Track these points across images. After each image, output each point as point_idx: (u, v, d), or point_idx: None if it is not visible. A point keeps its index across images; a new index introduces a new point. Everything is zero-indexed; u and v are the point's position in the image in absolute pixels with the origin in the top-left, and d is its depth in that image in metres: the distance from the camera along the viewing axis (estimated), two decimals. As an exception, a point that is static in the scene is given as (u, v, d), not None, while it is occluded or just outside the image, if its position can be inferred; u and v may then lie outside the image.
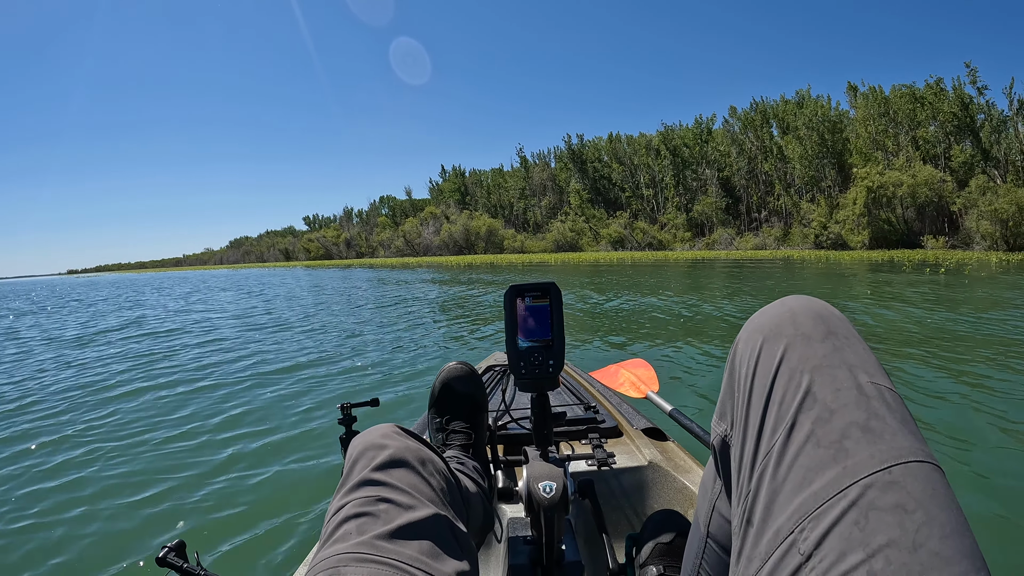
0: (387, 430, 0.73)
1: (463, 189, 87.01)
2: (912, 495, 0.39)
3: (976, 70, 40.64)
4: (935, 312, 7.09)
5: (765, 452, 0.48)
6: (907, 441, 0.42)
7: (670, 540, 0.91)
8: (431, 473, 0.69)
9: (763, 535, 0.44)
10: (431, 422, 1.07)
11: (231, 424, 3.39)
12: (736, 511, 0.50)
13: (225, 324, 8.73)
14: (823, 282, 13.35)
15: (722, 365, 4.37)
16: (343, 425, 1.10)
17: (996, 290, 9.82)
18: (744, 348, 0.56)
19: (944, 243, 36.19)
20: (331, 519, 0.61)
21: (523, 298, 0.92)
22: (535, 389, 0.94)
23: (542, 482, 0.78)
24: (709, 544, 0.65)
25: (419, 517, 0.61)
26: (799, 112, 50.18)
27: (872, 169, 39.89)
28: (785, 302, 0.57)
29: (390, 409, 3.56)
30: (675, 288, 12.19)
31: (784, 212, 51.64)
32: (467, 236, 71.40)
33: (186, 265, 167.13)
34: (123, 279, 52.96)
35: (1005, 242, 31.70)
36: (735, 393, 0.56)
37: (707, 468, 0.66)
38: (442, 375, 1.08)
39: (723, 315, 7.52)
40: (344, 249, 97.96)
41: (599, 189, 68.90)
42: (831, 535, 0.39)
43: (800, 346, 0.51)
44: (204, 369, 5.14)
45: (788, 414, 0.47)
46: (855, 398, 0.45)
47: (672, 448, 1.46)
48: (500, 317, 7.84)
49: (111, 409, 3.88)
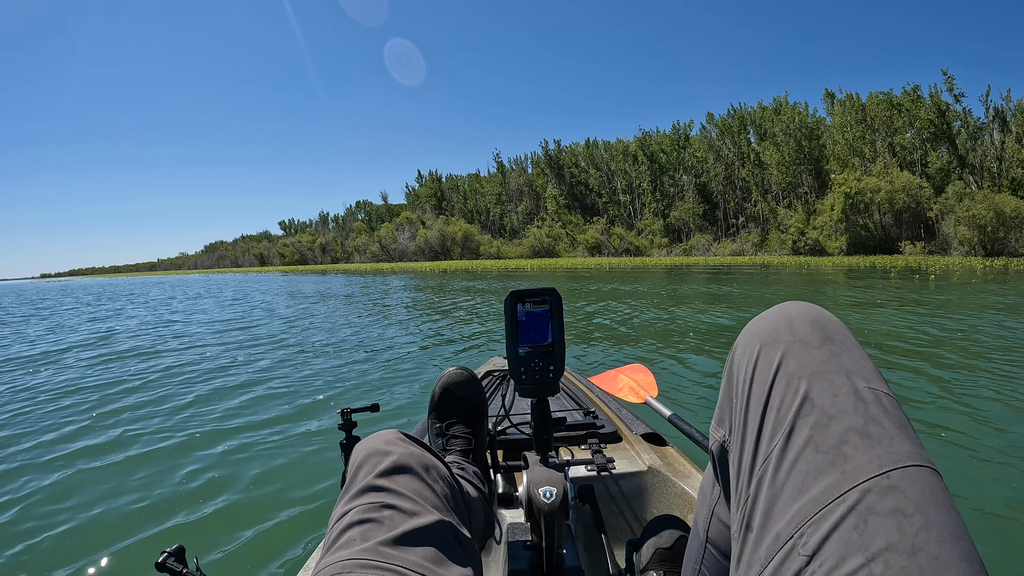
0: (391, 436, 0.73)
1: (440, 194, 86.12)
2: (910, 499, 0.39)
3: (953, 77, 40.88)
4: (937, 318, 6.95)
5: (764, 457, 0.48)
6: (905, 446, 0.43)
7: (670, 545, 0.90)
8: (435, 479, 0.69)
9: (763, 540, 0.44)
10: (431, 427, 1.07)
11: (229, 430, 3.35)
12: (735, 516, 0.50)
13: (215, 332, 8.33)
14: (815, 288, 12.96)
15: (719, 371, 4.41)
16: (343, 430, 1.07)
17: (992, 296, 9.71)
18: (742, 354, 0.56)
19: (921, 249, 36.13)
20: (335, 525, 0.61)
21: (524, 304, 0.93)
22: (535, 394, 0.95)
23: (542, 487, 0.79)
24: (708, 549, 0.65)
25: (423, 523, 0.61)
26: (776, 118, 50.16)
27: (850, 175, 39.81)
28: (783, 308, 0.57)
29: (390, 414, 3.56)
30: (658, 294, 11.93)
31: (761, 218, 51.43)
32: (443, 242, 70.53)
33: (160, 270, 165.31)
34: (97, 283, 51.21)
35: (983, 247, 31.77)
36: (733, 399, 0.56)
37: (706, 473, 0.66)
38: (442, 380, 1.08)
39: (717, 321, 7.38)
40: (319, 254, 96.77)
41: (576, 195, 68.32)
42: (831, 540, 0.39)
43: (798, 352, 0.51)
44: (201, 376, 5.00)
45: (786, 420, 0.47)
46: (853, 403, 0.46)
47: (671, 453, 1.46)
48: (494, 322, 7.88)
49: (112, 411, 3.90)
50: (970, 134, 40.60)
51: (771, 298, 10.47)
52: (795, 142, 47.45)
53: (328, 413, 3.61)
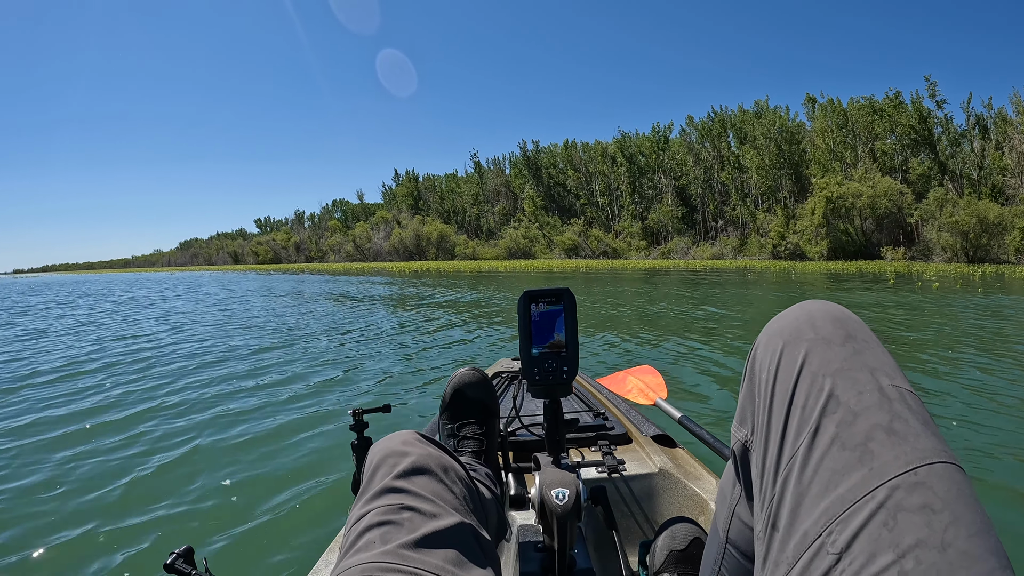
0: (408, 436, 0.72)
1: (416, 194, 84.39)
2: (938, 495, 0.39)
3: (935, 84, 40.40)
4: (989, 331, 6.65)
5: (789, 456, 0.47)
6: (930, 442, 0.43)
7: (684, 547, 0.90)
8: (453, 480, 0.69)
9: (790, 539, 0.44)
10: (442, 428, 1.06)
11: (238, 431, 3.32)
12: (759, 516, 0.50)
13: (212, 332, 8.06)
14: (825, 294, 12.72)
15: (730, 372, 4.43)
16: (355, 431, 1.07)
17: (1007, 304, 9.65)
18: (764, 353, 0.56)
19: (903, 255, 35.62)
20: (353, 527, 0.60)
21: (537, 304, 0.93)
22: (548, 395, 0.94)
23: (555, 489, 0.79)
24: (728, 550, 0.64)
25: (444, 526, 0.60)
26: (757, 122, 49.46)
27: (831, 179, 39.15)
28: (803, 306, 0.57)
29: (400, 414, 3.55)
30: (635, 297, 11.83)
31: (741, 222, 50.67)
32: (418, 242, 69.00)
33: (134, 267, 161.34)
34: (72, 280, 49.60)
35: (965, 254, 31.33)
36: (756, 398, 0.55)
37: (725, 473, 0.66)
38: (453, 381, 1.07)
39: (726, 322, 7.42)
40: (294, 253, 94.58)
41: (554, 196, 67.02)
42: (860, 537, 0.39)
43: (821, 350, 0.51)
44: (208, 379, 4.82)
45: (811, 418, 0.47)
46: (878, 400, 0.46)
47: (682, 455, 1.45)
48: (495, 323, 7.91)
49: (121, 408, 3.89)
50: (951, 140, 40.21)
51: (785, 300, 10.24)
52: (775, 146, 46.74)
53: (338, 414, 3.56)
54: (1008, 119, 37.71)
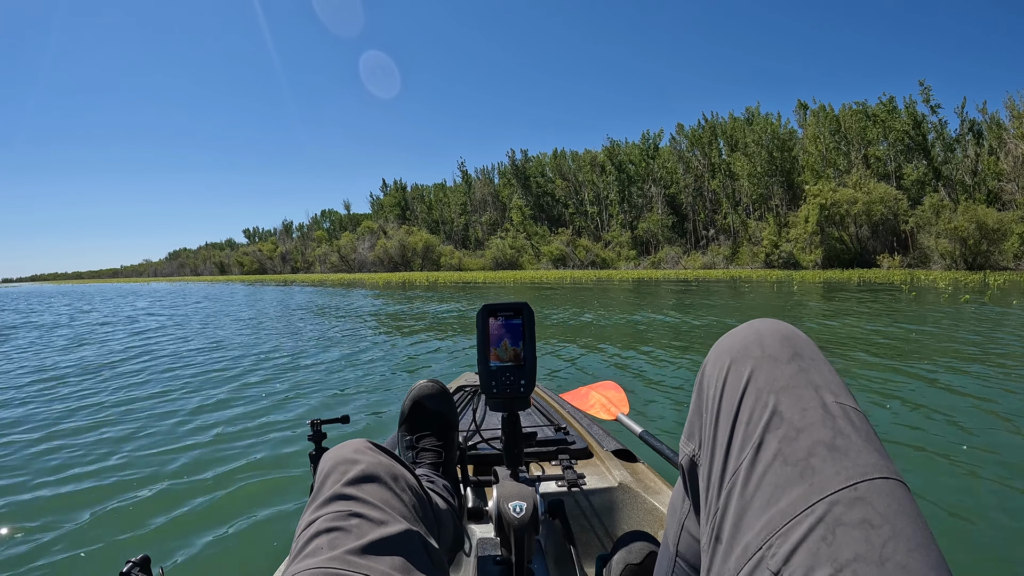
0: (359, 445, 0.72)
1: (404, 204, 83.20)
2: (878, 510, 0.39)
3: (929, 88, 39.72)
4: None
5: (733, 471, 0.48)
6: (872, 458, 0.43)
7: (640, 560, 0.91)
8: (403, 489, 0.69)
9: (732, 552, 0.44)
10: (401, 440, 1.07)
11: (196, 440, 3.27)
12: (705, 529, 0.50)
13: (186, 340, 8.17)
14: (828, 310, 11.62)
15: (690, 387, 3.82)
16: (312, 441, 1.07)
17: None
18: (712, 369, 0.56)
19: (900, 262, 34.63)
20: (301, 534, 0.60)
21: (496, 317, 0.94)
22: (506, 408, 0.95)
23: (512, 502, 0.80)
24: (678, 563, 0.65)
25: (391, 532, 0.60)
26: (748, 129, 48.65)
27: (825, 186, 38.19)
28: (752, 324, 0.58)
29: (360, 425, 3.51)
30: (621, 310, 11.24)
31: (732, 231, 49.65)
32: (403, 252, 67.49)
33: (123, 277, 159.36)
34: (56, 290, 47.98)
35: (964, 261, 30.39)
36: (703, 413, 0.56)
37: (676, 488, 0.66)
38: (412, 393, 1.08)
39: (693, 334, 7.33)
40: (279, 264, 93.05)
41: (542, 205, 65.91)
42: (799, 551, 0.39)
43: (767, 367, 0.52)
44: (170, 384, 4.88)
45: (755, 433, 0.48)
46: (821, 417, 0.46)
47: (642, 470, 1.45)
48: (464, 336, 7.82)
49: (76, 420, 3.78)
50: (945, 146, 39.46)
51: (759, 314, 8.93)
52: (767, 153, 45.90)
53: (297, 425, 3.51)
54: (1003, 124, 37.01)
